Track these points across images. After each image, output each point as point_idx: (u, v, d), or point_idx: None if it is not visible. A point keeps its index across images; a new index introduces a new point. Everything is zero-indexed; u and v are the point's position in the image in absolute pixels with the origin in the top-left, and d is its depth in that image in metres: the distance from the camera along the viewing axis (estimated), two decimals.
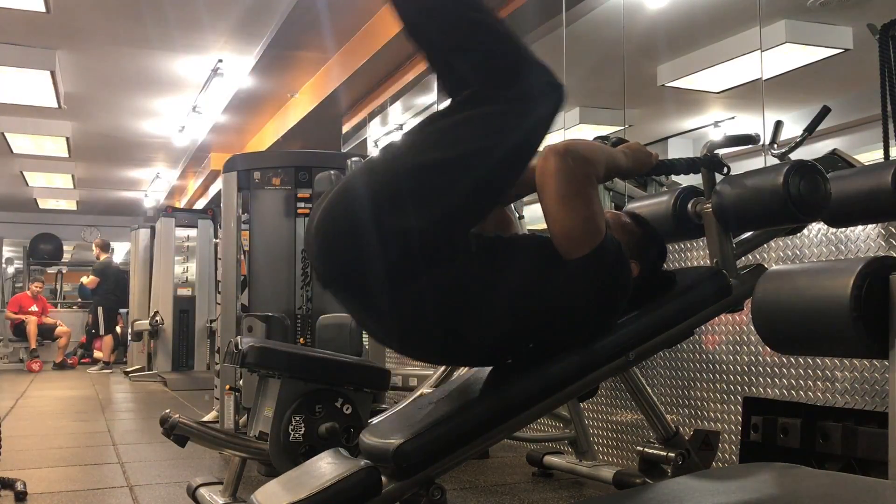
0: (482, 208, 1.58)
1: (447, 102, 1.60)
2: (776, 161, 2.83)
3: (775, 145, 3.20)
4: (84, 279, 11.14)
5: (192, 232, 8.95)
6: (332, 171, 3.55)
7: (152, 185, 12.70)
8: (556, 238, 1.62)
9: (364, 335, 3.89)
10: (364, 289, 1.53)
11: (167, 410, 2.59)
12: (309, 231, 1.57)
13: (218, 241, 7.27)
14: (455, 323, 1.56)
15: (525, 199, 3.46)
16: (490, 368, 1.79)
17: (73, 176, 11.97)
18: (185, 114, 8.48)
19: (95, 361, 10.50)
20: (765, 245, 2.53)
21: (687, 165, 1.97)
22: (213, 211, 9.09)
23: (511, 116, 1.51)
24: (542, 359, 1.66)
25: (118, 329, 10.42)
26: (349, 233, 1.48)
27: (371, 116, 7.33)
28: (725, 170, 1.99)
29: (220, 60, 6.98)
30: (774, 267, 1.90)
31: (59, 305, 13.28)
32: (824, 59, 5.91)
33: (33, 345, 10.56)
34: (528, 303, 1.59)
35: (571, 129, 5.90)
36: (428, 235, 1.47)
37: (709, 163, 1.99)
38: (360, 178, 1.56)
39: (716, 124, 7.37)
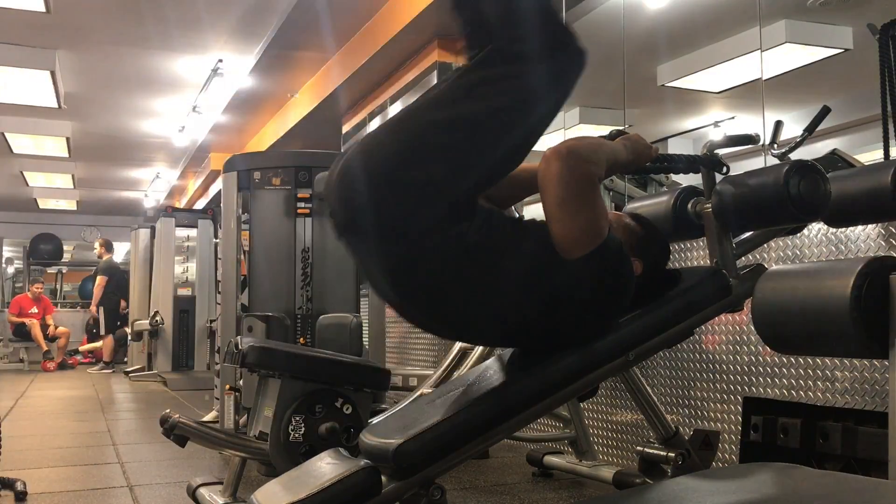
0: (501, 169, 1.61)
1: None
2: (776, 161, 2.83)
3: (775, 145, 3.21)
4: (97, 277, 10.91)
5: (192, 232, 8.95)
6: None
7: (152, 185, 12.70)
8: (555, 239, 1.61)
9: (364, 335, 3.90)
10: (379, 236, 1.54)
11: (167, 410, 2.59)
12: (331, 177, 1.58)
13: (218, 241, 7.27)
14: (456, 288, 1.57)
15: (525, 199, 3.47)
16: (489, 367, 1.79)
17: (73, 176, 11.97)
18: (185, 114, 8.47)
19: (98, 361, 10.51)
20: (765, 245, 2.53)
21: (686, 163, 1.97)
22: (213, 211, 9.09)
23: (532, 78, 1.54)
24: (541, 358, 1.66)
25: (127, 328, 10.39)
26: (368, 182, 1.51)
27: (371, 116, 7.33)
28: (725, 169, 1.99)
29: (220, 60, 6.98)
30: (774, 267, 1.90)
31: (58, 305, 13.28)
32: (824, 59, 5.92)
33: (44, 347, 10.59)
34: (528, 289, 1.59)
35: (571, 128, 5.91)
36: (445, 191, 1.50)
37: (708, 162, 1.99)
38: (383, 131, 1.60)
39: (716, 124, 7.38)
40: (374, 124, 7.37)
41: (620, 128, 1.93)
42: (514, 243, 1.59)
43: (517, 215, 2.92)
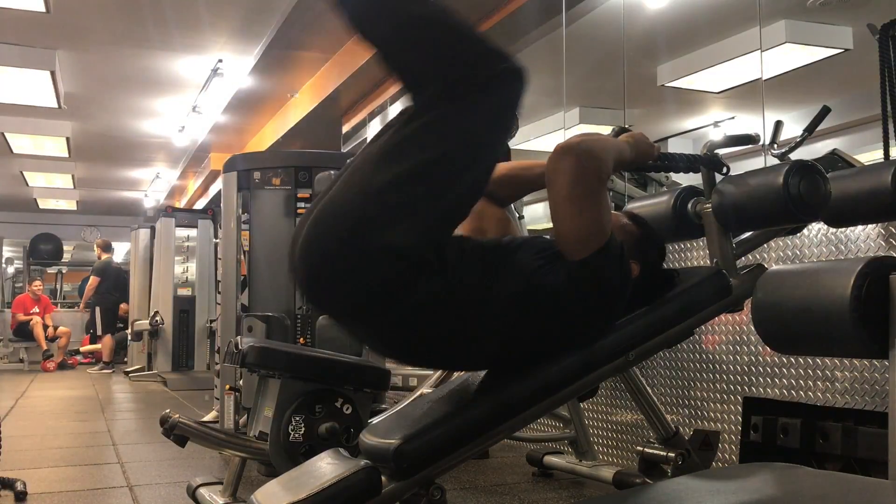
0: (463, 211, 1.56)
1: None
2: (776, 161, 2.83)
3: (775, 145, 3.21)
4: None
5: (192, 232, 8.95)
6: (332, 171, 3.55)
7: (152, 185, 12.70)
8: (560, 237, 1.61)
9: None
10: (358, 309, 1.52)
11: (167, 410, 2.59)
12: (293, 258, 1.54)
13: (218, 241, 7.27)
14: (455, 330, 1.56)
15: (525, 199, 3.47)
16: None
17: (73, 176, 11.97)
18: (185, 114, 8.48)
19: (98, 361, 10.51)
20: (765, 245, 2.53)
21: (687, 162, 1.98)
22: (213, 211, 9.09)
23: (473, 113, 1.49)
24: (541, 359, 1.66)
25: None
26: (335, 258, 1.46)
27: (371, 116, 7.33)
28: (725, 169, 1.99)
29: (220, 60, 6.98)
30: (774, 267, 1.90)
31: (58, 305, 13.28)
32: (824, 59, 5.92)
33: (44, 346, 10.60)
34: (526, 305, 1.58)
35: (571, 128, 5.91)
36: (416, 249, 1.46)
37: (709, 162, 1.99)
38: (341, 192, 1.52)
39: (716, 124, 7.39)
40: (375, 124, 7.38)
41: (623, 126, 1.93)
42: (503, 268, 1.57)
43: (517, 215, 2.93)
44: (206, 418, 4.22)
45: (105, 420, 5.34)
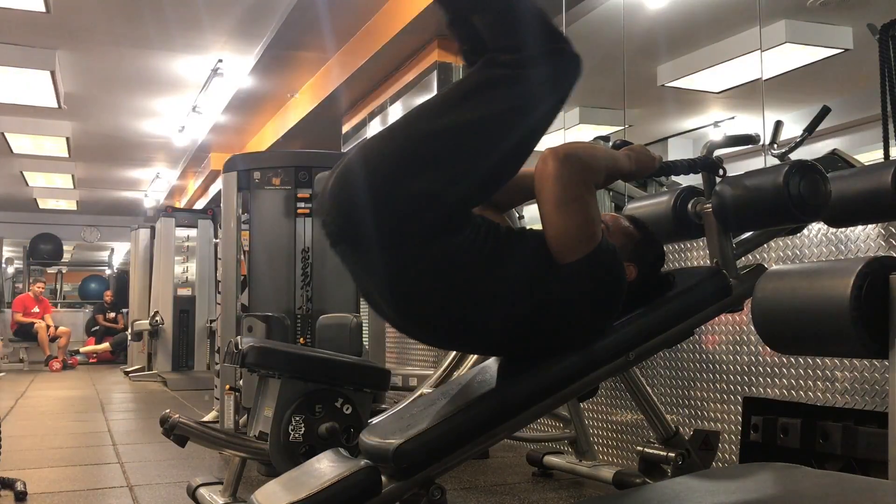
0: (498, 177, 1.60)
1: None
2: (776, 161, 2.83)
3: (775, 145, 3.21)
4: None
5: (192, 232, 8.96)
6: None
7: (152, 185, 12.69)
8: (550, 242, 1.62)
9: (364, 335, 3.90)
10: (373, 248, 1.53)
11: (167, 410, 2.59)
12: (326, 185, 1.58)
13: (218, 241, 7.27)
14: (452, 298, 1.57)
15: None
16: (489, 368, 1.79)
17: (73, 176, 11.97)
18: (185, 114, 8.47)
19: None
20: (765, 245, 2.53)
21: (686, 167, 1.98)
22: (213, 211, 9.09)
23: (529, 83, 1.53)
24: (541, 359, 1.66)
25: None
26: (365, 192, 1.50)
27: (371, 116, 7.32)
28: (721, 172, 1.98)
29: (220, 60, 6.98)
30: (774, 267, 1.90)
31: (58, 305, 13.29)
32: (824, 59, 5.92)
33: (47, 352, 10.58)
34: (524, 296, 1.59)
35: (571, 129, 5.91)
36: (444, 200, 1.50)
37: (706, 165, 1.99)
38: (380, 141, 1.59)
39: (716, 124, 7.38)
40: (375, 124, 7.38)
41: (624, 139, 1.93)
42: (507, 254, 1.59)
43: (517, 215, 2.93)
44: (206, 418, 4.22)
45: (105, 420, 5.34)
